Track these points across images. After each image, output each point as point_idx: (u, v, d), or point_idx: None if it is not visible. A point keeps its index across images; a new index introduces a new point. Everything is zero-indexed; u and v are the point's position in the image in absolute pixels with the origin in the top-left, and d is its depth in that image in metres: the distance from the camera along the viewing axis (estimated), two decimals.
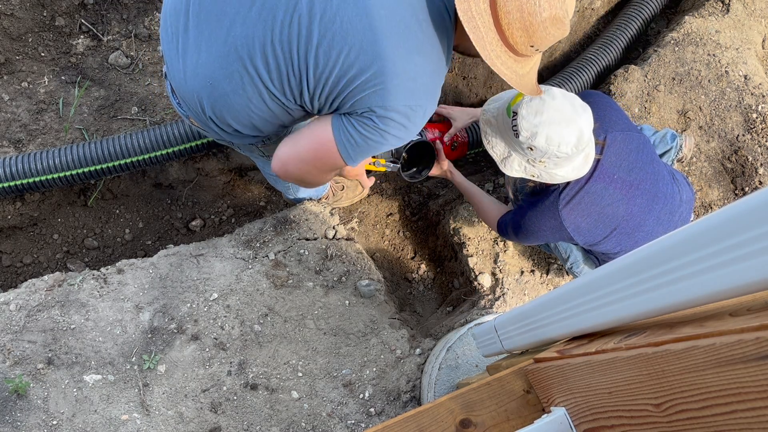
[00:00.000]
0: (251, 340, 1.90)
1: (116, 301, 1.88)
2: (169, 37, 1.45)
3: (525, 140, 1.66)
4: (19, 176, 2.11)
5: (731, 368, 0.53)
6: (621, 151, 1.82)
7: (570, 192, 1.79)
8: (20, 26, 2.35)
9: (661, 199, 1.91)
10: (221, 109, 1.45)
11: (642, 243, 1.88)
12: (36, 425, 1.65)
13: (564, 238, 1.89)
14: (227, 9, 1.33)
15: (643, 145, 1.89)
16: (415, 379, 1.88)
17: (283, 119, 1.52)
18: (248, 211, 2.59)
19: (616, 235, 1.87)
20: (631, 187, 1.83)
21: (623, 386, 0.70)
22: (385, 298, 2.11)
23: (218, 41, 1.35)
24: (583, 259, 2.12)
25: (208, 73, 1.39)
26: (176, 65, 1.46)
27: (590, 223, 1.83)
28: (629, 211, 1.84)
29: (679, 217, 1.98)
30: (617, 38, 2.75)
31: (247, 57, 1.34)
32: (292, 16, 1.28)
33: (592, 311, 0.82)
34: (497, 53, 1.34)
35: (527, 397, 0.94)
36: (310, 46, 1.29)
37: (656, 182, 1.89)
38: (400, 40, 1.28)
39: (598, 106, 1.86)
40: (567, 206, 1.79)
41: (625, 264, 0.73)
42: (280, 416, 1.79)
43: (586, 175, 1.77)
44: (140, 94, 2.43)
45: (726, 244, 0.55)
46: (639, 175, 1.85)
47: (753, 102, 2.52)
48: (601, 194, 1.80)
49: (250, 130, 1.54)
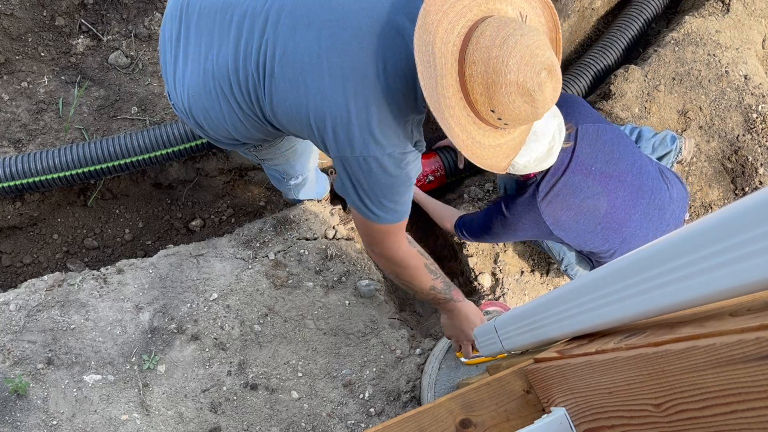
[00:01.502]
0: (251, 340, 1.90)
1: (116, 301, 1.88)
2: (165, 43, 1.49)
3: None
4: (19, 176, 2.11)
5: (731, 368, 0.53)
6: (595, 142, 1.83)
7: (547, 184, 1.79)
8: (20, 26, 2.35)
9: (647, 194, 1.89)
10: (204, 120, 1.48)
11: (631, 239, 1.89)
12: (36, 425, 1.65)
13: (543, 233, 1.87)
14: (213, 26, 1.35)
15: (619, 137, 1.88)
16: (415, 379, 1.88)
17: (264, 135, 1.53)
18: (248, 211, 2.59)
19: (601, 230, 1.86)
20: (611, 179, 1.82)
21: (623, 386, 0.70)
22: (385, 298, 2.11)
23: (201, 57, 1.39)
24: (577, 260, 2.12)
25: (192, 85, 1.43)
26: (168, 72, 1.50)
27: (571, 217, 1.82)
28: (612, 205, 1.83)
29: (671, 215, 1.96)
30: (616, 41, 2.75)
31: (221, 77, 1.36)
32: (260, 46, 1.28)
33: (592, 311, 0.82)
34: (450, 102, 1.15)
35: (527, 397, 0.94)
36: (272, 79, 1.29)
37: (640, 175, 1.88)
38: (359, 90, 1.21)
39: (567, 103, 1.89)
40: (545, 198, 1.80)
41: (625, 264, 0.73)
42: (280, 416, 1.79)
43: (562, 166, 1.78)
44: (140, 94, 2.43)
45: (726, 244, 0.55)
46: (619, 167, 1.84)
47: (753, 102, 2.52)
48: (579, 186, 1.80)
49: (232, 140, 1.57)
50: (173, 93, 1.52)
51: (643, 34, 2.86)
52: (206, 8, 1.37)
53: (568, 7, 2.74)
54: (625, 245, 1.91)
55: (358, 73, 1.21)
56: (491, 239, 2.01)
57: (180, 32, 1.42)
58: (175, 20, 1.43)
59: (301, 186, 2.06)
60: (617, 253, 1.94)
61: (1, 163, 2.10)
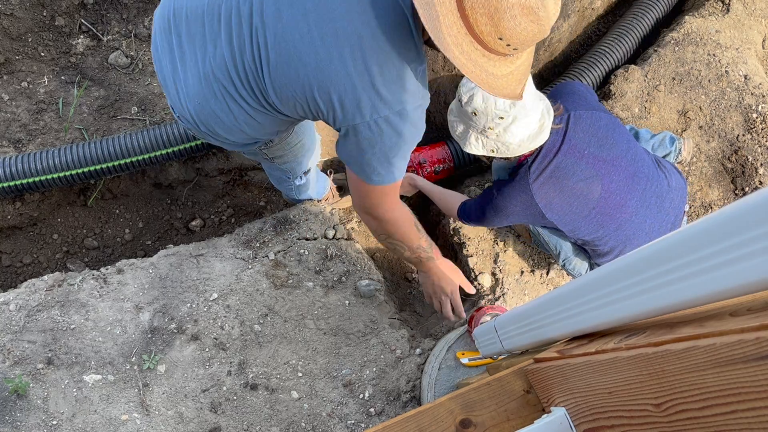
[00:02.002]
0: (251, 340, 1.90)
1: (116, 301, 1.88)
2: (160, 58, 1.49)
3: (465, 105, 1.74)
4: (19, 176, 2.11)
5: (731, 368, 0.53)
6: (588, 127, 1.84)
7: (540, 166, 1.81)
8: (20, 26, 2.35)
9: (643, 180, 1.89)
10: (213, 124, 1.48)
11: (627, 225, 1.89)
12: (36, 425, 1.65)
13: (536, 216, 1.88)
14: (203, 30, 1.36)
15: (614, 125, 1.89)
16: (415, 379, 1.88)
17: (276, 126, 1.53)
18: (248, 211, 2.59)
19: (596, 215, 1.86)
20: (605, 163, 1.83)
21: (623, 386, 0.70)
22: (385, 298, 2.11)
23: (198, 62, 1.39)
24: (574, 252, 2.11)
25: (196, 93, 1.43)
26: (169, 85, 1.50)
27: (563, 200, 1.83)
28: (606, 189, 1.83)
29: (671, 204, 1.96)
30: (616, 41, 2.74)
31: (222, 77, 1.36)
32: (251, 37, 1.29)
33: (592, 311, 0.82)
34: (457, 40, 1.16)
35: (527, 397, 0.94)
36: (269, 67, 1.30)
37: (634, 162, 1.88)
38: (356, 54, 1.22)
39: (564, 91, 1.94)
40: (537, 180, 1.81)
41: (625, 264, 0.73)
42: (280, 416, 1.79)
43: (554, 149, 1.80)
44: (140, 94, 2.43)
45: (726, 244, 0.55)
46: (613, 152, 1.85)
47: (753, 102, 2.52)
48: (572, 169, 1.80)
49: (245, 139, 1.56)
50: (177, 105, 1.51)
51: (654, 31, 2.84)
52: (192, 14, 1.37)
53: (568, 7, 2.74)
54: (621, 232, 1.91)
55: (351, 37, 1.21)
56: (487, 223, 2.03)
57: (173, 43, 1.43)
58: (165, 33, 1.43)
59: (303, 187, 2.07)
60: (612, 240, 1.93)
61: (1, 163, 2.10)
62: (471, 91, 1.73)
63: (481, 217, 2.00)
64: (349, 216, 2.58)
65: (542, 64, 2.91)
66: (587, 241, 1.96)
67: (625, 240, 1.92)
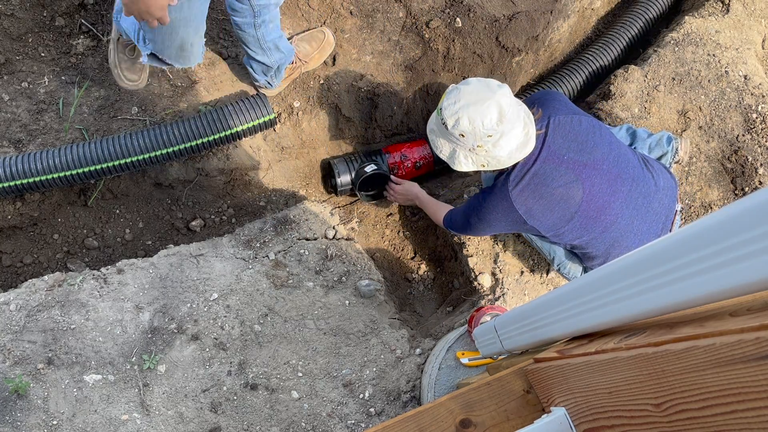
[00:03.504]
0: (251, 340, 1.90)
1: (116, 301, 1.88)
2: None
3: (452, 129, 1.73)
4: (19, 176, 2.11)
5: (731, 368, 0.53)
6: (568, 132, 1.84)
7: (518, 174, 1.82)
8: (20, 26, 2.35)
9: (627, 181, 1.89)
10: None
11: (612, 227, 1.89)
12: (36, 425, 1.65)
13: (518, 223, 1.88)
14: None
15: (595, 128, 1.89)
16: (415, 379, 1.88)
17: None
18: (248, 211, 2.59)
19: (579, 219, 1.86)
20: (585, 167, 1.83)
21: (623, 386, 0.70)
22: (385, 298, 2.11)
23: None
24: (567, 257, 2.11)
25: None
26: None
27: (543, 206, 1.83)
28: (589, 192, 1.83)
29: (659, 204, 1.95)
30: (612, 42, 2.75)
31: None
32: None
33: (592, 311, 0.82)
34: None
35: (527, 397, 0.94)
36: None
37: (617, 163, 1.88)
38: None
39: (544, 97, 1.95)
40: (516, 187, 1.81)
41: (625, 264, 0.73)
42: (280, 416, 1.79)
43: (534, 155, 1.80)
44: (140, 94, 2.43)
45: (726, 244, 0.55)
46: (593, 155, 1.85)
47: (753, 102, 2.52)
48: (551, 175, 1.81)
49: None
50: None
51: (644, 34, 2.85)
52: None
53: (568, 7, 2.74)
54: (608, 234, 1.90)
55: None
56: (473, 232, 2.03)
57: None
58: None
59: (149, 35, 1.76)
60: (600, 243, 1.92)
61: (2, 163, 2.10)
62: (456, 114, 1.71)
63: (466, 226, 2.01)
64: (349, 216, 2.59)
65: (542, 64, 2.91)
66: (575, 245, 1.96)
67: (612, 242, 1.92)
